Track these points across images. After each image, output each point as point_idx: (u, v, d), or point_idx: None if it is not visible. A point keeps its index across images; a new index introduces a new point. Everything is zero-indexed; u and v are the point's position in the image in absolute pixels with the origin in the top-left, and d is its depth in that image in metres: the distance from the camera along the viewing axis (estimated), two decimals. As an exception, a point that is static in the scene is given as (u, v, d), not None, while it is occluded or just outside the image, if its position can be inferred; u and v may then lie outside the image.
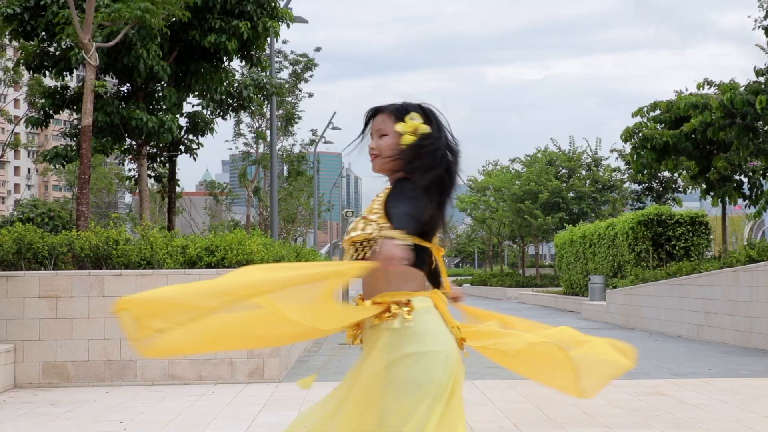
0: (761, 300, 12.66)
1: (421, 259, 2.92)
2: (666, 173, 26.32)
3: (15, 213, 41.49)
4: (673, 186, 28.32)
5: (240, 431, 6.47)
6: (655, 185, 29.55)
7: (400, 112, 2.99)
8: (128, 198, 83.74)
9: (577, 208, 40.84)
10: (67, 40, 13.17)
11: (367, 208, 3.01)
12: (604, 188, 41.26)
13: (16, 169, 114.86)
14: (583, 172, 42.29)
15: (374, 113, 3.03)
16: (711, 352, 12.57)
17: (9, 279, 9.19)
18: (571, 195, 41.40)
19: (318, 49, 32.74)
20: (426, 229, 2.87)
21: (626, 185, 38.40)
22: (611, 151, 30.24)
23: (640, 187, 30.60)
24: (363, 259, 2.87)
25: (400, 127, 2.95)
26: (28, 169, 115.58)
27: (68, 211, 48.72)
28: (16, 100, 34.78)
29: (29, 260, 9.58)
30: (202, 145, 17.71)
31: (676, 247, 20.32)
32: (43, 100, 15.53)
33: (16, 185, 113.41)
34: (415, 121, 2.95)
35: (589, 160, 42.36)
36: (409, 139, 2.93)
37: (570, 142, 43.44)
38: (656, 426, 6.48)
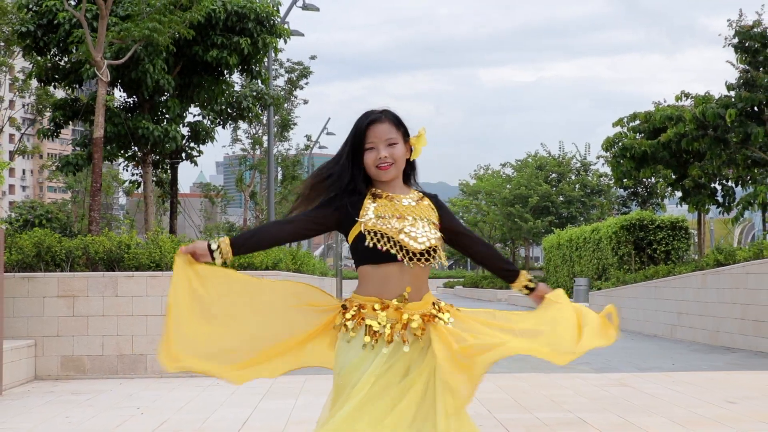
0: (726, 301, 13.54)
1: None
2: (651, 179, 27.22)
3: (12, 214, 42.22)
4: (657, 192, 29.24)
5: (245, 415, 7.30)
6: (640, 190, 30.48)
7: (399, 121, 3.15)
8: (122, 200, 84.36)
9: (566, 212, 41.71)
10: (78, 55, 14.00)
11: (411, 209, 3.12)
12: (593, 192, 42.14)
13: (11, 171, 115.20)
14: (573, 177, 43.19)
15: (371, 122, 3.11)
16: (680, 350, 13.45)
17: (30, 280, 10.00)
18: (561, 199, 42.28)
19: (313, 57, 33.64)
20: None
21: (613, 190, 39.35)
22: (598, 157, 31.20)
23: (626, 192, 31.56)
24: (427, 264, 3.09)
25: (421, 140, 3.16)
26: (23, 171, 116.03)
27: (65, 213, 49.39)
28: (11, 102, 35.46)
29: (47, 263, 10.39)
30: (202, 153, 18.57)
31: (657, 251, 21.18)
32: (55, 112, 16.39)
33: (11, 186, 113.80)
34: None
35: (579, 164, 43.27)
36: (419, 151, 3.19)
37: (560, 147, 44.42)
38: (612, 411, 7.33)
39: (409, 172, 3.23)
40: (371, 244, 3.03)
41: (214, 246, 3.08)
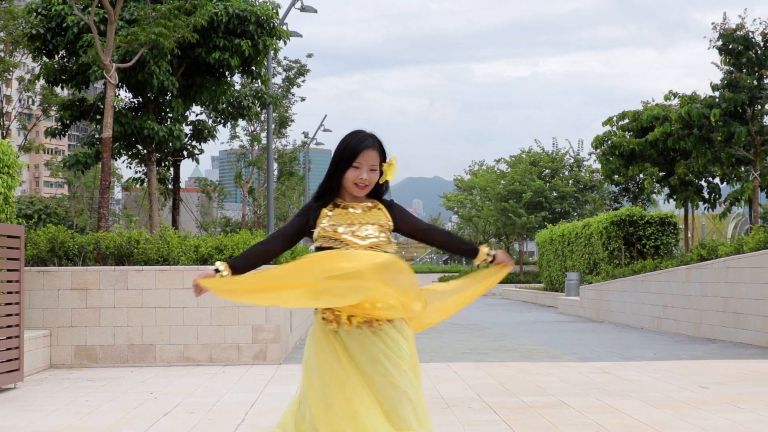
0: (709, 294, 14.15)
1: None
2: (640, 176, 27.80)
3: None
4: (646, 188, 29.82)
5: (252, 398, 7.86)
6: (631, 187, 31.05)
7: (383, 149, 3.71)
8: (118, 195, 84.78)
9: (559, 207, 42.25)
10: (87, 58, 14.56)
11: (359, 215, 3.68)
12: (586, 188, 42.69)
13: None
14: (566, 173, 43.73)
15: (366, 147, 3.63)
16: (664, 341, 14.05)
17: (45, 274, 10.56)
18: (554, 195, 42.81)
19: (310, 56, 34.19)
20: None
21: (605, 186, 39.92)
22: (590, 153, 31.77)
23: (618, 188, 32.15)
24: None
25: (391, 168, 3.71)
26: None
27: (64, 209, 49.89)
28: (7, 96, 36.00)
29: (60, 257, 10.94)
30: (203, 150, 19.13)
31: (647, 246, 21.76)
32: (63, 111, 16.95)
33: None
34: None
35: (572, 160, 43.81)
36: (388, 176, 3.75)
37: (553, 143, 44.95)
38: (592, 395, 7.91)
39: (377, 189, 3.77)
40: (326, 245, 3.69)
41: (220, 268, 3.74)
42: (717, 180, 20.34)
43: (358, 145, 3.66)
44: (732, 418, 6.60)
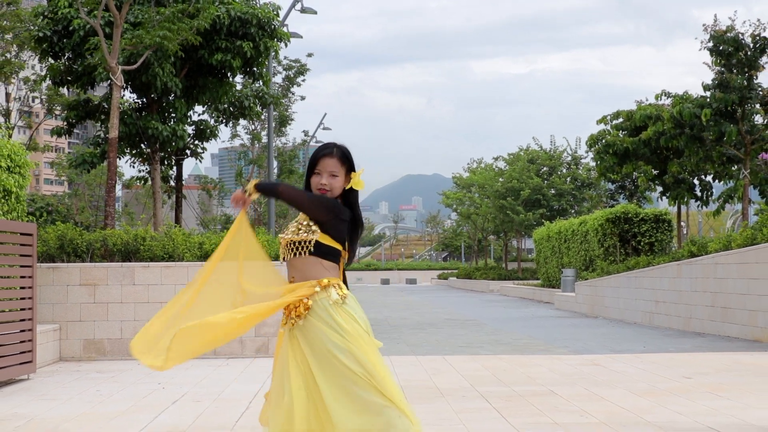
0: (698, 290, 14.53)
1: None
2: (634, 174, 28.15)
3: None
4: (639, 186, 30.19)
5: (256, 388, 8.24)
6: (627, 184, 31.44)
7: (345, 158, 3.94)
8: (118, 192, 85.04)
9: (557, 205, 42.59)
10: (94, 61, 14.95)
11: (303, 216, 3.91)
12: (583, 186, 43.02)
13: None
14: (564, 170, 44.06)
15: (324, 155, 3.90)
16: (655, 335, 14.43)
17: (54, 270, 10.94)
18: (552, 192, 43.13)
19: (310, 55, 34.54)
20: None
21: (602, 183, 40.24)
22: (586, 151, 32.05)
23: (614, 186, 32.52)
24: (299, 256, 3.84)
25: (355, 177, 3.92)
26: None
27: (65, 206, 50.19)
28: (8, 94, 36.36)
29: (69, 254, 11.31)
30: (206, 149, 19.53)
31: (641, 243, 22.12)
32: (69, 112, 17.36)
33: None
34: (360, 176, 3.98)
35: (569, 158, 44.14)
36: (356, 185, 3.96)
37: (551, 141, 45.27)
38: (580, 384, 8.29)
39: (348, 195, 3.98)
40: None
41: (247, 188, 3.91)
42: (709, 178, 20.72)
43: (317, 154, 3.95)
44: (710, 405, 6.99)
